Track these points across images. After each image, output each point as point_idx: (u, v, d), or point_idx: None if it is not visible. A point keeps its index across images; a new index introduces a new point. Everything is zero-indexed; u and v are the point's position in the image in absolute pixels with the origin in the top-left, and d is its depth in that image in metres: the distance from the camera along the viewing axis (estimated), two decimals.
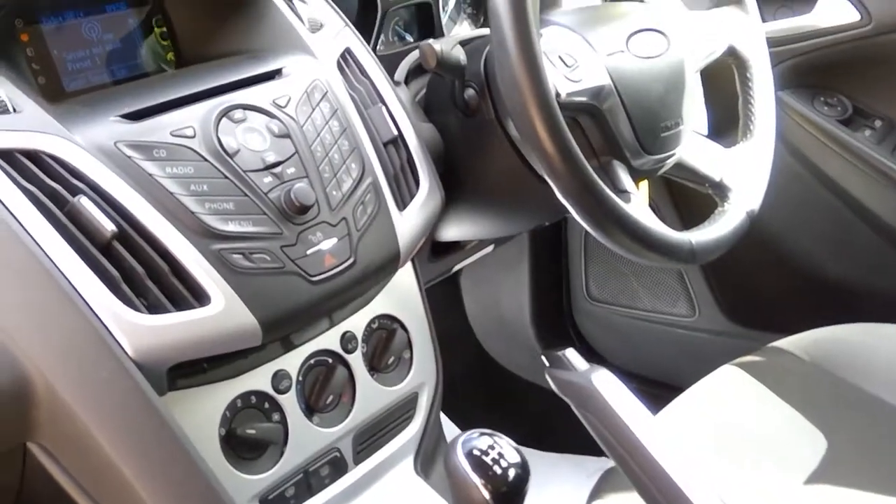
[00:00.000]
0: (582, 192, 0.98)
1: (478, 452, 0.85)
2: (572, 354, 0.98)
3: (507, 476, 0.84)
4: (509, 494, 0.84)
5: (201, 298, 0.86)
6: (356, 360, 1.08)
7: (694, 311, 1.88)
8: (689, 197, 1.26)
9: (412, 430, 1.15)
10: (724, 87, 1.30)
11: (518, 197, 1.20)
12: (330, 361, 1.05)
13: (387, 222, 1.02)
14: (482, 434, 0.87)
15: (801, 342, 1.37)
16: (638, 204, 1.07)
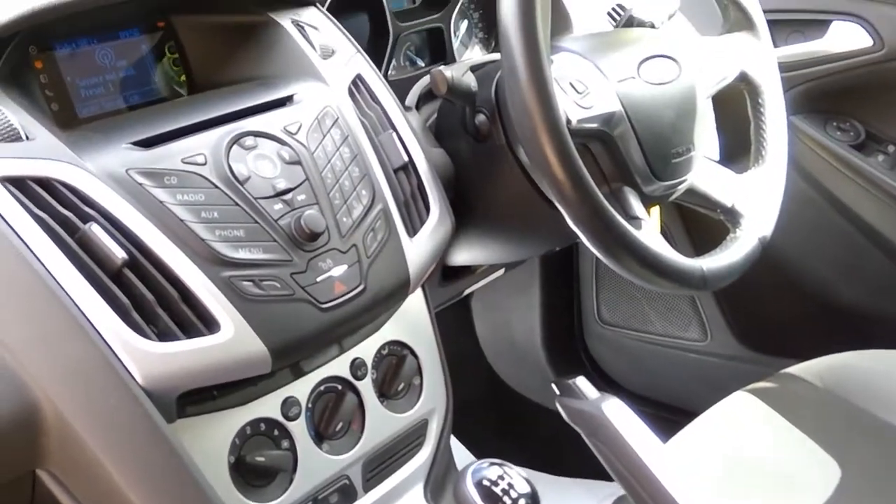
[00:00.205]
0: (592, 219, 0.98)
1: (487, 483, 0.85)
2: (583, 383, 0.98)
3: None
4: None
5: (211, 326, 0.86)
6: (366, 387, 1.07)
7: (706, 336, 1.87)
8: (701, 222, 1.26)
9: (422, 458, 1.14)
10: (736, 112, 1.29)
11: (529, 222, 1.19)
12: (339, 388, 1.04)
13: (397, 249, 1.02)
14: (492, 464, 0.87)
15: (814, 368, 1.36)
16: (649, 230, 1.06)
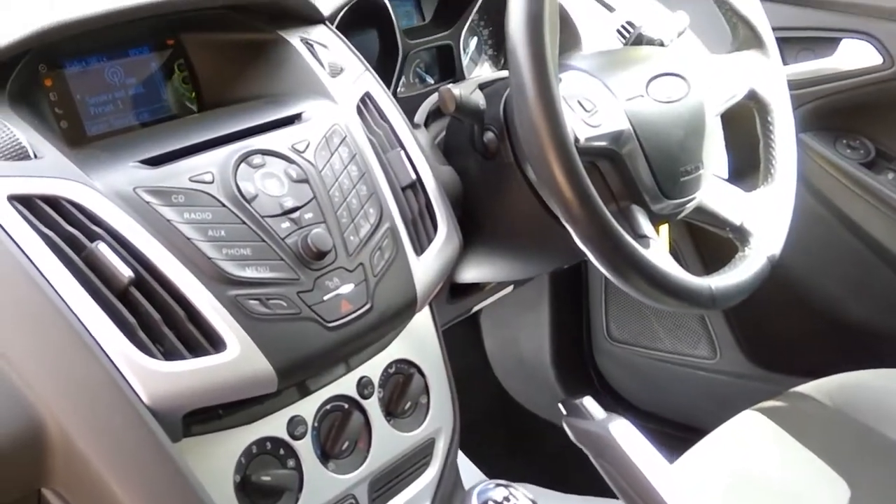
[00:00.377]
0: (600, 238, 0.98)
1: None
2: (590, 403, 0.98)
3: None
4: None
5: (217, 345, 0.86)
6: (372, 406, 1.07)
7: (715, 354, 1.86)
8: (711, 240, 1.26)
9: (428, 477, 1.13)
10: (745, 130, 1.29)
11: (537, 240, 1.19)
12: (346, 407, 1.04)
13: (404, 267, 1.02)
14: (498, 485, 0.86)
15: (824, 387, 1.36)
16: (657, 249, 1.06)
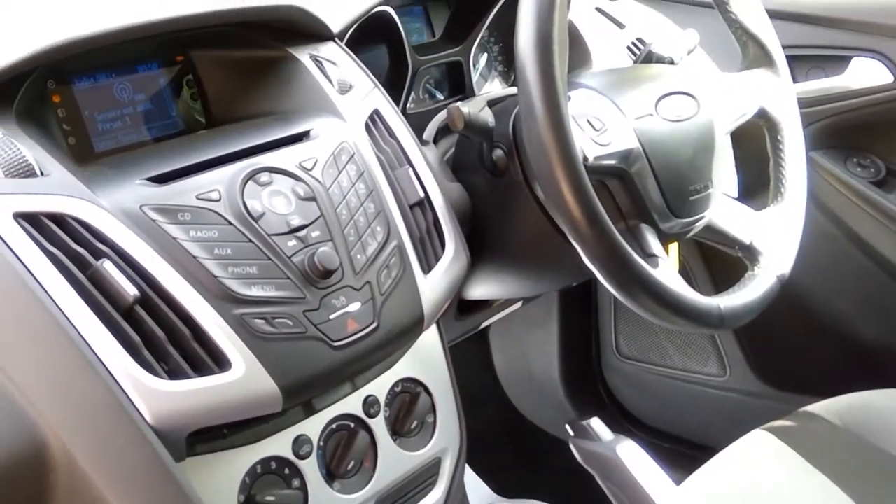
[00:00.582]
0: (608, 257, 0.98)
1: None
2: (597, 424, 0.97)
3: None
4: None
5: (222, 364, 0.85)
6: (378, 425, 1.06)
7: (725, 371, 1.85)
8: (722, 258, 1.25)
9: (435, 497, 1.13)
10: (755, 148, 1.29)
11: (545, 257, 1.19)
12: (352, 426, 1.03)
13: (411, 286, 1.02)
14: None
15: (834, 407, 1.34)
16: (666, 268, 1.05)
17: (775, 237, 1.20)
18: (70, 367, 0.80)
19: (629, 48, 1.47)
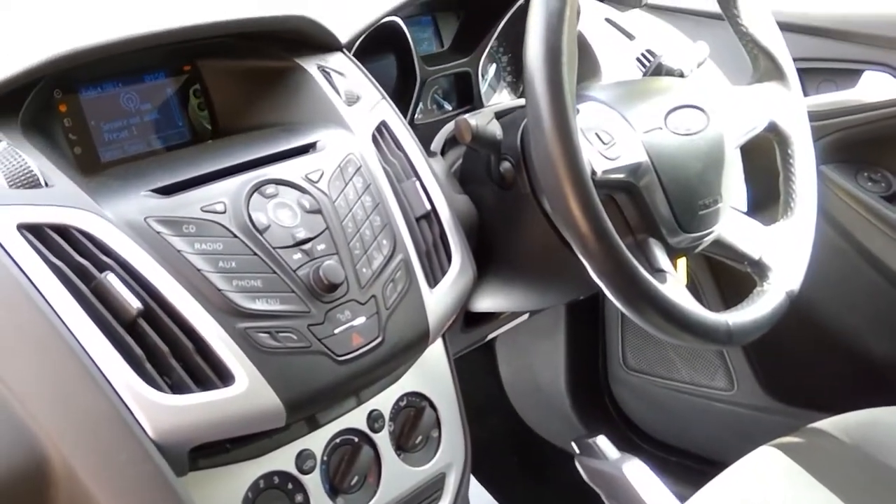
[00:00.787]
0: (615, 273, 0.97)
1: None
2: (603, 442, 0.96)
3: None
4: None
5: (225, 378, 0.85)
6: (383, 440, 1.05)
7: (733, 386, 1.84)
8: (731, 273, 1.24)
9: None
10: (765, 162, 1.28)
11: (553, 271, 1.18)
12: (356, 440, 1.03)
13: (417, 300, 1.01)
14: None
15: (842, 424, 1.33)
16: (674, 284, 1.04)
17: (785, 253, 1.19)
18: (72, 380, 0.80)
19: (639, 60, 1.46)
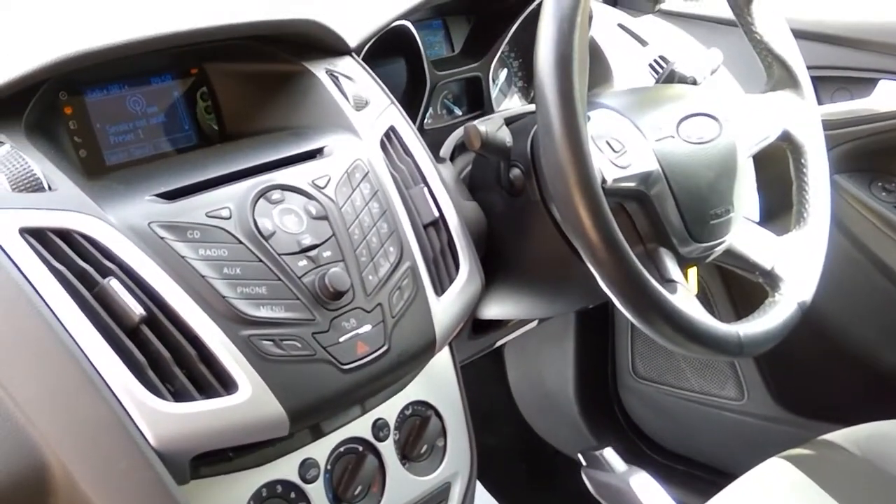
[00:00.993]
0: (625, 283, 0.96)
1: None
2: (610, 454, 0.95)
3: None
4: None
5: (228, 386, 0.84)
6: (387, 449, 1.04)
7: (743, 396, 1.83)
8: (743, 282, 1.23)
9: None
10: (778, 171, 1.26)
11: (562, 279, 1.17)
12: (360, 450, 1.02)
13: (423, 308, 1.00)
14: None
15: (854, 436, 1.32)
16: (684, 294, 1.03)
17: (797, 263, 1.18)
18: (73, 387, 0.79)
19: (651, 66, 1.46)
